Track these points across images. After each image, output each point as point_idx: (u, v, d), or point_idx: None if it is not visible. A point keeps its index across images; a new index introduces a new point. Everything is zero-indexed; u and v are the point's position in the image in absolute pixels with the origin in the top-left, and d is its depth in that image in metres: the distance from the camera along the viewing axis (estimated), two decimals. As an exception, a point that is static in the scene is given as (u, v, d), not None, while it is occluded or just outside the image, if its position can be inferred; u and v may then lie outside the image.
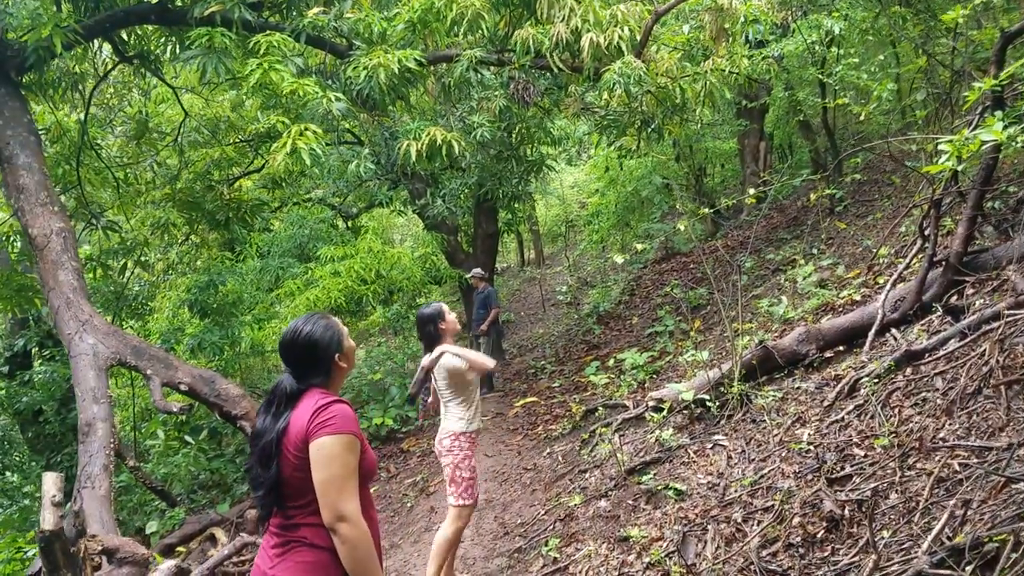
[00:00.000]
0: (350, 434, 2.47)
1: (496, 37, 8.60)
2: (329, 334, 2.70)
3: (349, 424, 2.48)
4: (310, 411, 2.51)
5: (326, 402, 2.53)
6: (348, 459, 2.45)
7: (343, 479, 2.43)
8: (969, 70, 6.78)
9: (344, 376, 2.80)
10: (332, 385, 2.70)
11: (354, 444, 2.48)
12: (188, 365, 7.26)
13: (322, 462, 2.43)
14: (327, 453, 2.43)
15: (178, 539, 7.29)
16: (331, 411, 2.49)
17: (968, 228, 5.31)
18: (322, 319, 2.74)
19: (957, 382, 4.28)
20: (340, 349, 2.72)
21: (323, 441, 2.44)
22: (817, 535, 3.63)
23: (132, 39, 9.27)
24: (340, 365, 2.72)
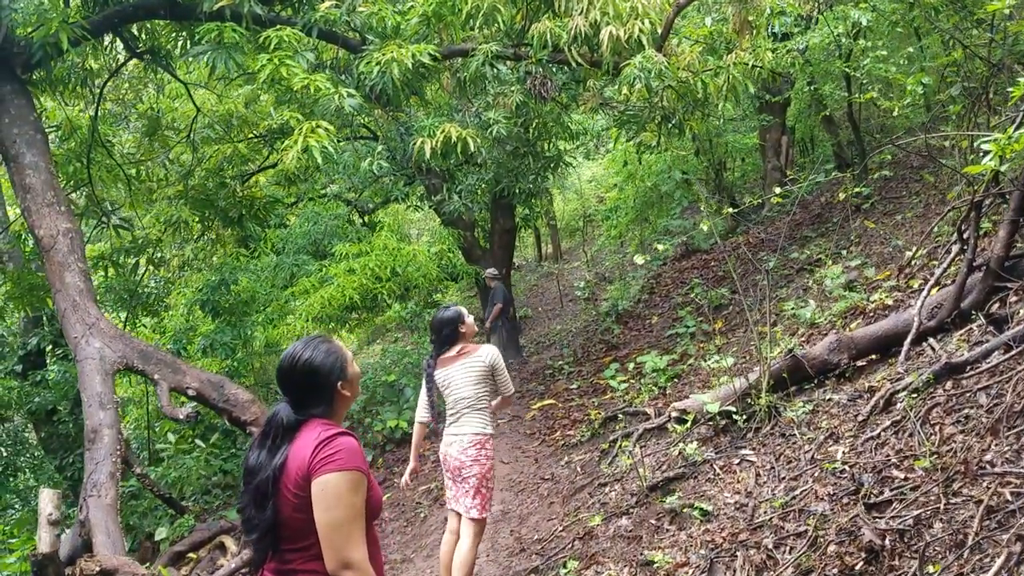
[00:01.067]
0: (356, 471, 2.28)
1: (512, 31, 8.36)
2: (331, 360, 2.49)
3: (355, 460, 2.30)
4: (312, 444, 2.31)
5: (329, 435, 2.33)
6: (354, 500, 2.26)
7: (349, 522, 2.24)
8: (1009, 63, 6.47)
9: (347, 405, 2.59)
10: (334, 415, 2.51)
11: (360, 482, 2.30)
12: (196, 369, 7.10)
13: (326, 503, 2.24)
14: (332, 493, 2.24)
15: (187, 546, 7.15)
16: (335, 445, 2.30)
17: (1010, 232, 5.02)
18: (323, 343, 2.53)
19: (1003, 398, 4.01)
20: (343, 376, 2.50)
21: (327, 479, 2.24)
22: (856, 567, 3.39)
23: (143, 35, 9.10)
24: (343, 393, 2.51)
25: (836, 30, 8.71)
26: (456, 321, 4.49)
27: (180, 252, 13.08)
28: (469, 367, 4.43)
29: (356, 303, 10.95)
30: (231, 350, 9.67)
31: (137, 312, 11.52)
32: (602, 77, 8.18)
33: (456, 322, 4.49)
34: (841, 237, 8.98)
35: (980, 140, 3.91)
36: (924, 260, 6.51)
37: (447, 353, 4.52)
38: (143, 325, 12.17)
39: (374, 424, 9.44)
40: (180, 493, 8.86)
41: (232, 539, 7.02)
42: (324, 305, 10.34)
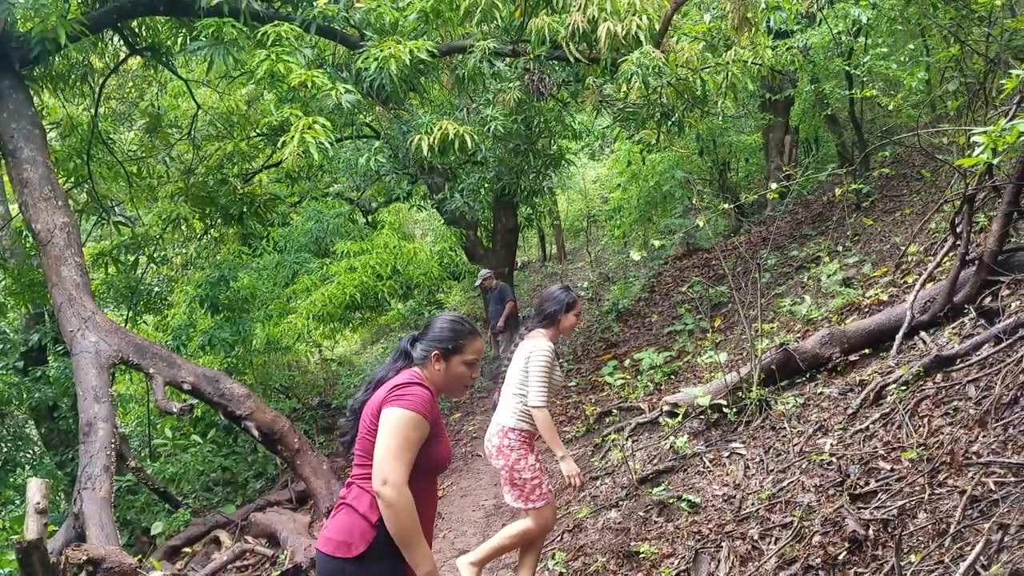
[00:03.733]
0: (418, 413, 2.50)
1: (511, 27, 8.36)
2: (449, 332, 2.75)
3: (422, 405, 2.52)
4: (392, 384, 2.58)
5: (409, 380, 2.59)
6: (409, 434, 2.48)
7: (399, 449, 2.45)
8: (1005, 58, 6.44)
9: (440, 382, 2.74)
10: (430, 374, 2.71)
11: (420, 424, 2.50)
12: (192, 364, 7.11)
13: (384, 430, 2.48)
14: (391, 423, 2.48)
15: (183, 541, 7.17)
16: (410, 389, 2.55)
17: (1003, 225, 4.99)
18: (460, 320, 2.82)
19: (991, 391, 3.99)
20: (449, 350, 2.72)
21: (391, 410, 2.49)
22: (839, 557, 3.37)
23: (143, 31, 9.13)
24: (436, 365, 2.72)
25: (836, 28, 8.68)
26: (565, 303, 4.10)
27: (183, 250, 13.11)
28: (523, 349, 4.11)
29: (358, 302, 10.95)
30: (230, 347, 9.67)
31: (138, 309, 11.55)
32: (601, 74, 8.17)
33: (564, 304, 4.10)
34: (840, 235, 8.94)
35: (973, 133, 3.88)
36: (920, 256, 6.48)
37: (533, 332, 4.16)
38: (144, 323, 12.20)
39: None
40: (179, 489, 8.87)
41: (227, 534, 7.04)
42: (325, 303, 10.34)
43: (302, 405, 11.53)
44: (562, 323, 4.15)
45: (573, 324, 4.22)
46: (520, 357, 4.12)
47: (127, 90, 12.63)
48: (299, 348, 12.45)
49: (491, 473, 7.14)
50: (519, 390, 4.04)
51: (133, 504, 8.47)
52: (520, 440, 4.03)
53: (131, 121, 12.35)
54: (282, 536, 6.39)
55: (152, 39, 9.10)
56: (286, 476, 8.06)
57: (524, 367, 4.04)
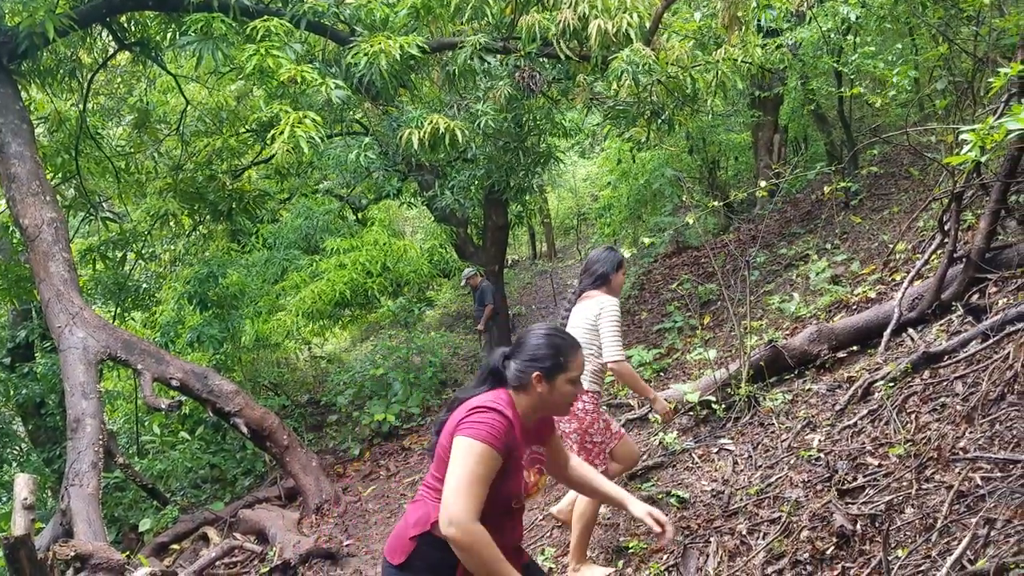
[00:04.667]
0: (490, 446, 2.30)
1: (502, 24, 8.35)
2: (549, 349, 2.49)
3: (496, 436, 2.32)
4: (472, 405, 2.41)
5: (488, 406, 2.38)
6: (478, 468, 2.28)
7: (466, 485, 2.26)
8: (993, 57, 6.48)
9: (538, 405, 2.51)
10: (522, 401, 2.48)
11: (490, 457, 2.30)
12: (180, 360, 7.09)
13: (452, 462, 2.31)
14: (460, 455, 2.30)
15: (171, 537, 7.15)
16: (486, 416, 2.35)
17: (991, 223, 5.02)
18: (558, 332, 2.57)
19: (979, 387, 4.02)
20: (552, 368, 2.47)
21: (461, 440, 2.32)
22: (827, 552, 3.38)
23: (132, 25, 9.08)
24: (538, 387, 2.47)
25: (826, 26, 8.71)
26: (613, 262, 4.14)
27: (171, 247, 13.05)
28: (584, 309, 4.09)
29: (347, 299, 10.93)
30: (219, 343, 9.64)
31: (126, 306, 11.50)
32: (591, 71, 8.17)
33: (612, 263, 4.13)
34: (828, 233, 8.98)
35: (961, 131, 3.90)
36: (908, 253, 6.51)
37: (586, 293, 4.16)
38: (132, 319, 12.15)
39: (361, 418, 9.43)
40: (167, 486, 8.84)
41: (215, 530, 7.02)
42: (315, 300, 10.31)
43: (291, 402, 11.50)
44: (613, 282, 4.17)
45: (622, 283, 4.25)
46: (581, 318, 4.08)
47: (116, 85, 12.55)
48: (288, 345, 12.42)
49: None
50: (587, 351, 3.95)
51: (121, 501, 8.43)
52: (592, 403, 4.00)
53: (120, 116, 12.29)
54: (271, 533, 6.38)
55: (141, 34, 9.05)
56: (275, 473, 8.04)
57: (592, 326, 4.01)
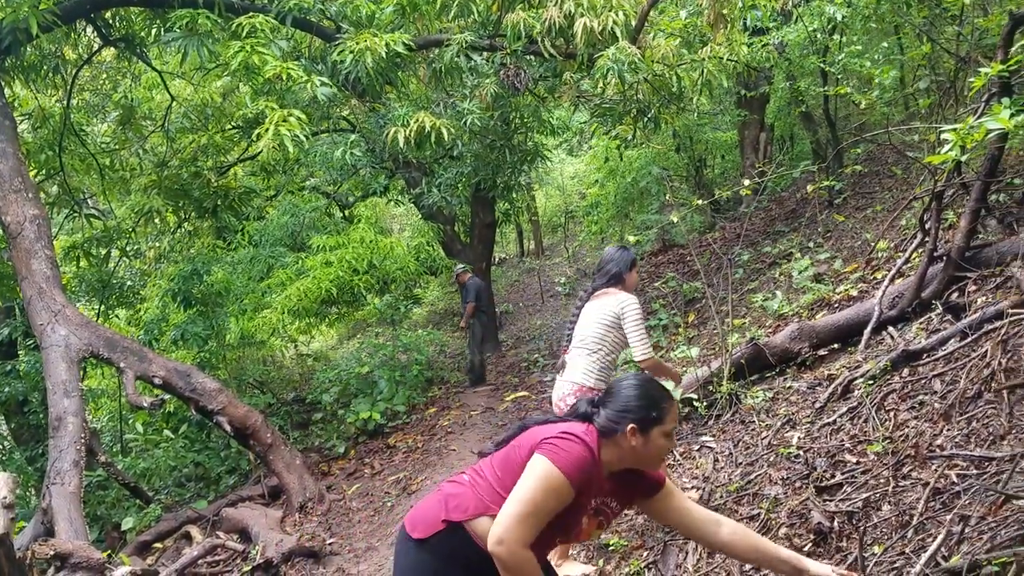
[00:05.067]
0: (565, 475, 2.23)
1: (488, 21, 8.35)
2: (645, 400, 2.41)
3: (572, 464, 2.25)
4: (557, 430, 2.34)
5: (580, 436, 2.32)
6: (548, 498, 2.23)
7: (530, 511, 2.21)
8: (975, 57, 6.52)
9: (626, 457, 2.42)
10: (609, 449, 2.40)
11: (564, 490, 2.24)
12: (163, 358, 7.07)
13: (524, 481, 2.26)
14: (532, 473, 2.25)
15: (153, 536, 7.13)
16: (574, 447, 2.29)
17: (971, 222, 5.06)
18: (652, 382, 2.50)
19: (957, 385, 4.04)
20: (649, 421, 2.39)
21: (540, 459, 2.26)
22: (804, 548, 3.40)
23: (116, 21, 9.03)
24: (632, 440, 2.38)
25: (812, 25, 8.75)
26: (627, 261, 4.20)
27: (156, 244, 13.00)
28: (601, 306, 4.11)
29: (334, 296, 10.91)
30: (203, 341, 9.61)
31: (110, 303, 11.45)
32: (578, 69, 8.18)
33: (626, 262, 4.19)
34: (812, 231, 9.02)
35: (943, 131, 3.92)
36: (890, 252, 6.55)
37: (601, 291, 4.20)
38: (117, 317, 12.09)
39: (347, 416, 9.42)
40: (150, 484, 8.80)
41: (198, 529, 7.00)
42: (301, 298, 10.29)
43: (277, 400, 11.47)
44: (627, 280, 4.20)
45: (636, 281, 4.30)
46: (598, 314, 4.09)
47: (100, 81, 12.49)
48: (274, 343, 12.38)
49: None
50: (599, 347, 4.02)
51: (104, 499, 8.39)
52: None
53: (104, 113, 12.23)
54: (254, 531, 6.36)
55: (126, 30, 9.01)
56: (259, 471, 8.02)
57: (610, 322, 4.04)
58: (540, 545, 2.32)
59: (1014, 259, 4.83)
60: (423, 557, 2.39)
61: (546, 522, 2.25)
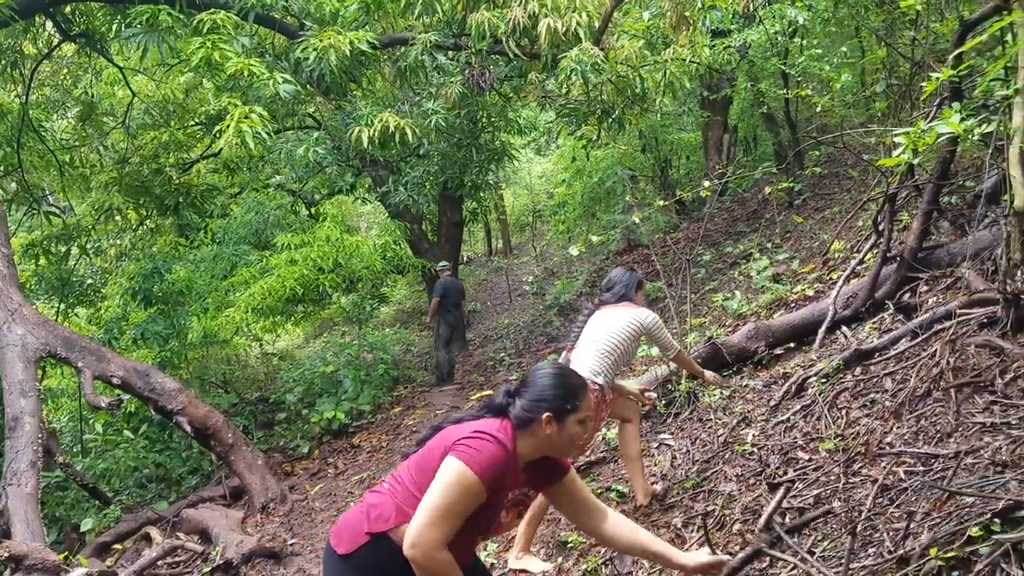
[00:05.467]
0: (477, 476, 2.23)
1: (453, 20, 8.36)
2: (560, 389, 2.42)
3: (484, 467, 2.24)
4: (471, 429, 2.33)
5: (492, 435, 2.31)
6: (460, 499, 2.23)
7: (442, 514, 2.22)
8: (929, 61, 6.65)
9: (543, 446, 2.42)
10: (525, 440, 2.40)
11: (476, 490, 2.24)
12: (122, 357, 6.99)
13: (436, 483, 2.25)
14: (444, 475, 2.25)
15: (113, 537, 7.04)
16: (486, 446, 2.28)
17: (923, 223, 5.18)
18: (567, 372, 2.54)
19: (907, 384, 4.14)
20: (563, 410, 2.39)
21: (453, 462, 2.25)
22: (756, 544, 3.46)
23: (76, 16, 8.90)
24: (547, 428, 2.38)
25: (773, 28, 8.86)
26: (633, 284, 4.41)
27: (117, 242, 12.83)
28: (619, 316, 4.23)
29: (299, 295, 10.84)
30: (164, 340, 9.50)
31: (70, 302, 11.28)
32: (542, 70, 8.21)
33: (633, 285, 4.41)
34: (772, 232, 9.14)
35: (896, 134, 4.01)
36: (846, 253, 6.67)
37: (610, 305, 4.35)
38: (76, 316, 11.91)
39: (311, 415, 9.37)
40: (110, 486, 8.69)
41: (158, 530, 6.93)
42: (265, 296, 10.21)
43: (240, 400, 11.38)
44: (635, 301, 4.39)
45: (642, 302, 4.50)
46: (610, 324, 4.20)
47: (60, 77, 12.30)
48: (237, 342, 12.27)
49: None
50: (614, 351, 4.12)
51: (63, 500, 8.27)
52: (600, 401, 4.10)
53: (64, 109, 12.04)
54: (214, 532, 6.31)
55: (86, 25, 8.88)
56: (221, 472, 7.96)
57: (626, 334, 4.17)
58: (461, 544, 2.32)
59: (964, 260, 4.94)
60: (349, 572, 2.39)
61: (461, 522, 2.26)
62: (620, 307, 4.29)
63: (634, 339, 4.23)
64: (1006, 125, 4.19)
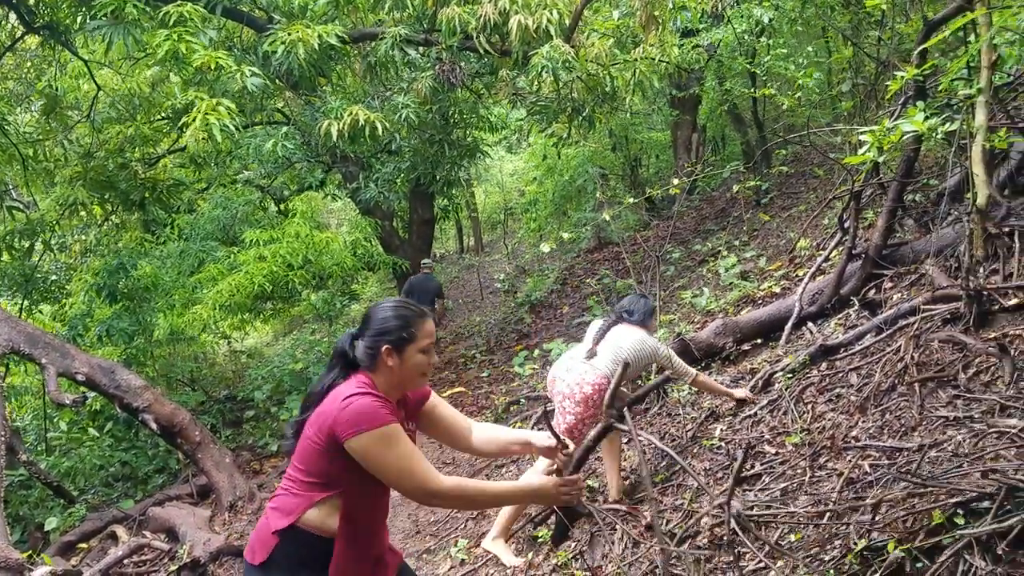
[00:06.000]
0: (382, 426, 2.20)
1: (424, 15, 8.33)
2: (396, 320, 2.38)
3: (377, 418, 2.21)
4: (337, 402, 2.26)
5: (358, 392, 2.26)
6: (397, 450, 2.21)
7: (408, 467, 2.22)
8: (895, 61, 6.75)
9: (394, 381, 2.39)
10: (380, 380, 2.37)
11: (391, 433, 2.21)
12: (86, 354, 6.88)
13: (374, 465, 2.23)
14: (373, 455, 2.21)
15: (78, 536, 6.94)
16: (363, 405, 2.23)
17: (888, 221, 5.26)
18: (404, 303, 2.45)
19: (872, 378, 4.20)
20: (401, 340, 2.35)
21: (361, 444, 2.20)
22: (724, 537, 3.49)
23: (40, 8, 8.75)
24: (389, 361, 2.36)
25: (740, 28, 8.94)
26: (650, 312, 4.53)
27: (82, 237, 12.64)
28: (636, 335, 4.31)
29: (268, 292, 10.73)
30: (129, 337, 9.37)
31: (34, 298, 11.10)
32: (513, 67, 8.21)
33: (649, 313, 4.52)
34: (739, 230, 9.22)
35: (861, 132, 4.06)
36: (812, 250, 6.75)
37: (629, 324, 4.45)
38: (40, 312, 11.73)
39: (280, 413, 9.30)
40: (75, 484, 8.57)
41: (124, 529, 6.84)
42: (233, 293, 10.10)
43: (208, 398, 11.26)
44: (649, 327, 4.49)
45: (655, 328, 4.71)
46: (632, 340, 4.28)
47: (24, 70, 12.09)
48: (205, 339, 12.14)
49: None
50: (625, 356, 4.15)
51: (27, 499, 8.15)
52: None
53: (28, 102, 11.84)
54: (181, 531, 6.24)
55: (50, 17, 8.74)
56: (188, 470, 7.87)
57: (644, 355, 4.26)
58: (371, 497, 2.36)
59: (928, 257, 5.03)
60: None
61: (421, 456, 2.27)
62: (639, 330, 4.38)
63: (647, 362, 4.36)
64: (969, 124, 4.28)
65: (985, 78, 4.18)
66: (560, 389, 4.19)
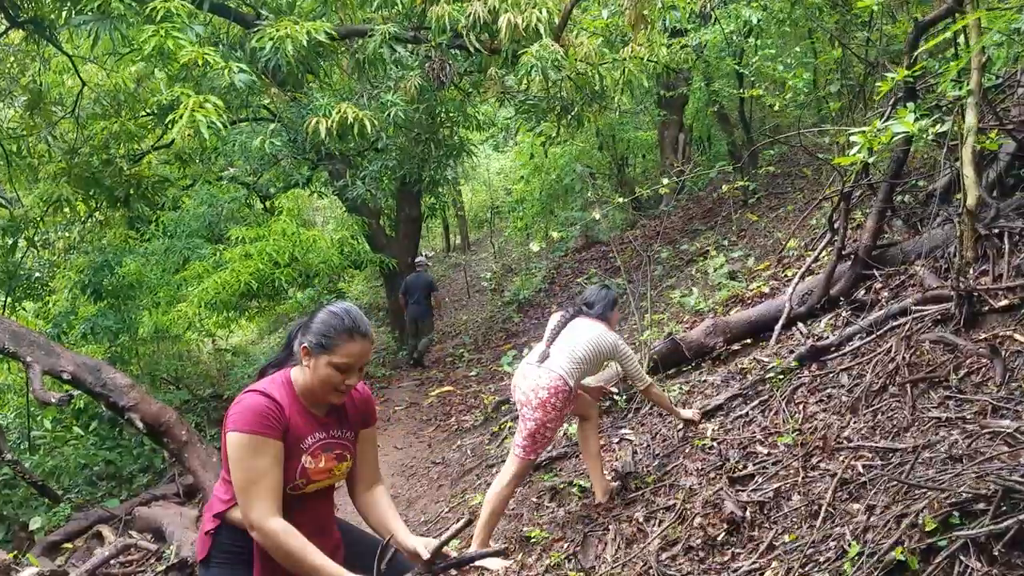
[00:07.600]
0: (252, 433, 2.18)
1: (413, 13, 8.29)
2: (320, 325, 2.30)
3: (251, 421, 2.19)
4: (241, 395, 2.28)
5: (253, 389, 2.27)
6: (253, 462, 2.18)
7: (248, 483, 2.18)
8: (883, 62, 6.78)
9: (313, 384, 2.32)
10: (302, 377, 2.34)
11: (260, 445, 2.18)
12: (72, 352, 6.80)
13: (231, 459, 2.22)
14: (234, 451, 2.21)
15: (63, 536, 6.86)
16: (248, 403, 2.22)
17: (877, 221, 5.27)
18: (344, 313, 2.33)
19: (863, 379, 4.21)
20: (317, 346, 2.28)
21: (231, 437, 2.21)
22: (718, 537, 3.50)
23: (25, 2, 8.65)
24: (305, 360, 2.31)
25: (728, 28, 8.95)
26: (610, 304, 4.40)
27: (66, 234, 12.52)
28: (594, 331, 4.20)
29: (254, 290, 10.66)
30: (114, 335, 9.29)
31: (17, 295, 10.99)
32: (502, 65, 8.20)
33: (609, 305, 4.40)
34: (727, 230, 9.25)
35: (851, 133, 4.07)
36: (801, 251, 6.77)
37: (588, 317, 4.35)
38: (24, 309, 11.61)
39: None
40: (59, 483, 8.49)
41: (110, 528, 6.78)
42: (218, 291, 10.03)
43: (193, 396, 11.17)
44: (611, 320, 4.39)
45: (617, 319, 4.53)
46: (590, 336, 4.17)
47: (7, 65, 11.94)
48: (190, 337, 12.06)
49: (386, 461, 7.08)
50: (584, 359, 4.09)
51: (11, 499, 8.06)
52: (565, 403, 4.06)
53: (12, 97, 11.70)
54: (168, 531, 6.19)
55: (35, 11, 8.64)
56: (174, 470, 7.81)
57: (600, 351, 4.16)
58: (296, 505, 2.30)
59: (918, 257, 5.05)
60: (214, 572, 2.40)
61: (275, 480, 2.21)
62: (599, 323, 4.29)
63: (605, 356, 4.25)
64: (959, 125, 4.30)
65: (975, 80, 4.20)
66: (518, 398, 4.12)
